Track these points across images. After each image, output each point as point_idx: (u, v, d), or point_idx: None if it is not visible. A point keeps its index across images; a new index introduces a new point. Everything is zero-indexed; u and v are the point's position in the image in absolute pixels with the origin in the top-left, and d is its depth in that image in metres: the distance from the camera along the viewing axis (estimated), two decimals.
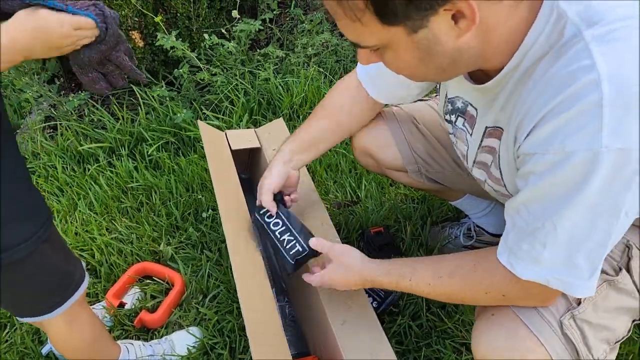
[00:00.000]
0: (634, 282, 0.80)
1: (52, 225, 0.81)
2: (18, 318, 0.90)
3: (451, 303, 1.26)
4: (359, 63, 1.06)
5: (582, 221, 0.62)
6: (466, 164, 0.93)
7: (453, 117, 0.90)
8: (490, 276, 0.75)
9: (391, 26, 0.59)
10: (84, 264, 0.92)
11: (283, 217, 1.03)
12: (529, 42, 0.63)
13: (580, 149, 0.57)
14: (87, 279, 0.91)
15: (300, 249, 0.97)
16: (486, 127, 0.80)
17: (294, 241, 0.99)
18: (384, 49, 0.65)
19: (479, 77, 0.75)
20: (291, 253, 0.98)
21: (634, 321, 0.82)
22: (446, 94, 0.91)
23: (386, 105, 1.16)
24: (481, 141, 0.83)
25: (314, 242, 0.96)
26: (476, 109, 0.82)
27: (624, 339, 0.81)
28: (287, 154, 1.07)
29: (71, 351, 0.98)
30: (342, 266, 0.91)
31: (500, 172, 0.79)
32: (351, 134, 1.17)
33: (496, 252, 0.74)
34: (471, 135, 0.85)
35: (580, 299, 0.77)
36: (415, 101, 1.16)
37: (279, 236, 1.01)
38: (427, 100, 1.22)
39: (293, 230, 1.00)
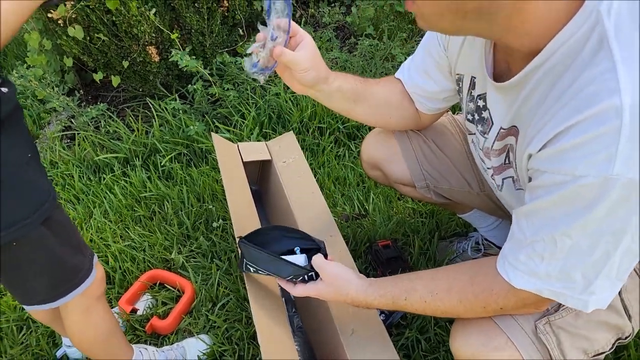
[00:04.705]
0: (621, 299, 0.81)
1: (52, 210, 0.80)
2: (25, 306, 0.90)
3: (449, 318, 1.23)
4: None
5: (583, 241, 0.62)
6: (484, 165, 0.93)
7: (485, 114, 0.88)
8: (487, 289, 0.74)
9: None
10: (95, 259, 0.93)
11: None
12: (563, 37, 0.60)
13: (591, 174, 0.57)
14: (93, 274, 0.91)
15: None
16: (500, 128, 0.80)
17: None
18: None
19: (501, 75, 0.75)
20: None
21: (618, 339, 0.82)
22: (471, 93, 0.89)
23: None
24: (493, 143, 0.83)
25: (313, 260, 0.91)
26: (489, 110, 0.82)
27: (604, 354, 0.81)
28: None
29: (86, 344, 0.99)
30: (333, 287, 0.88)
31: (516, 167, 0.79)
32: (390, 121, 1.12)
33: (494, 262, 0.75)
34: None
35: (559, 304, 0.78)
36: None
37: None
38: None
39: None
